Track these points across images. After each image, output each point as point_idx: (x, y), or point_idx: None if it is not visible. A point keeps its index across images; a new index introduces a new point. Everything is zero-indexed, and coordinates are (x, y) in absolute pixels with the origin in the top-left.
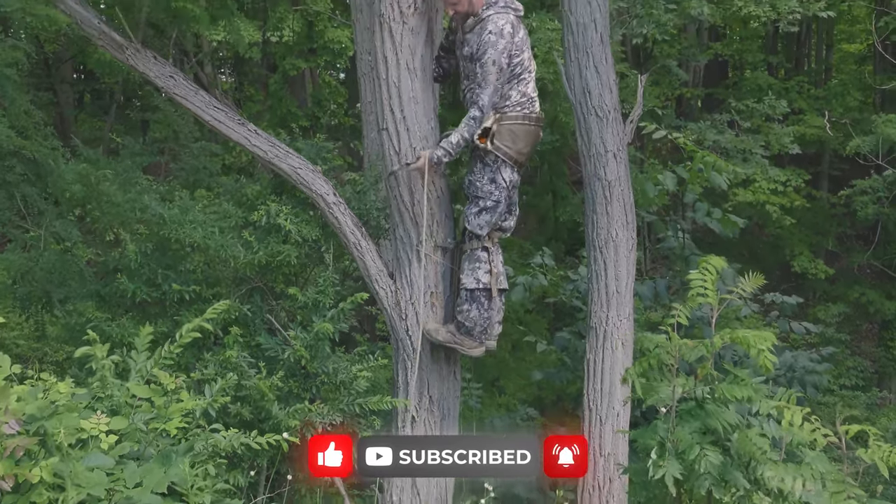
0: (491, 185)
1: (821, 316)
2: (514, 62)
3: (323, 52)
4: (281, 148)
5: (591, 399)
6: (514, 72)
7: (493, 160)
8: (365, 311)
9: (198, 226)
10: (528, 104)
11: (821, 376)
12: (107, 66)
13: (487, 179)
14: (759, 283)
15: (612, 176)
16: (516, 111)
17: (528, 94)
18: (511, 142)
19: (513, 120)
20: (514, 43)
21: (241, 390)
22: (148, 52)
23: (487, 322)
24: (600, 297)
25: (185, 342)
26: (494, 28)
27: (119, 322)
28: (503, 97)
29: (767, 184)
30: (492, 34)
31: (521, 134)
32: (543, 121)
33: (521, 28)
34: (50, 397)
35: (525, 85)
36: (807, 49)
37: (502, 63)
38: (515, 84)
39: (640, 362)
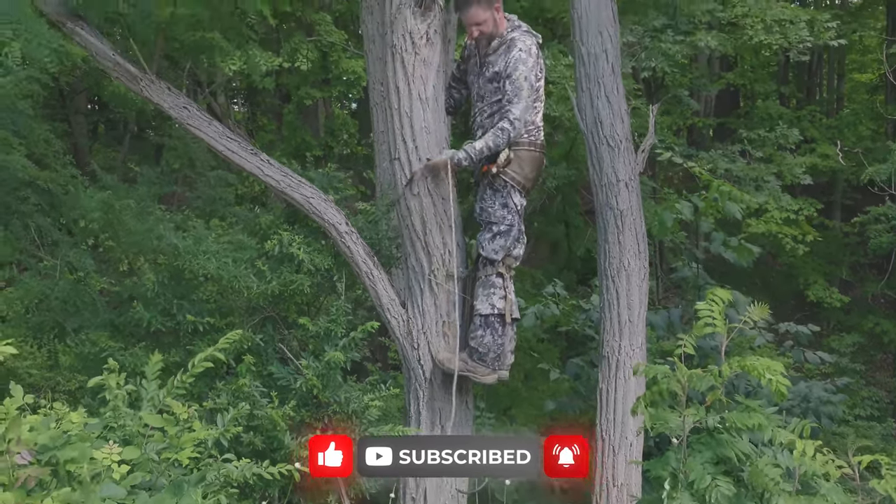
0: (503, 210)
1: (835, 346)
2: (536, 86)
3: (337, 83)
4: (293, 178)
5: (603, 429)
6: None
7: (502, 185)
8: (377, 340)
9: (211, 256)
10: (535, 132)
11: (836, 407)
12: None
13: (499, 205)
14: (766, 312)
15: (625, 205)
16: (523, 139)
17: (537, 122)
18: (519, 167)
19: (520, 147)
20: (539, 67)
21: (253, 420)
22: (162, 84)
23: (500, 349)
24: (613, 327)
25: (197, 372)
26: (524, 47)
27: (132, 351)
28: None
29: (780, 213)
30: (522, 52)
31: (527, 160)
32: (545, 149)
33: (540, 56)
34: (62, 427)
35: (535, 114)
36: (818, 79)
37: (532, 80)
38: (529, 112)
39: (650, 392)
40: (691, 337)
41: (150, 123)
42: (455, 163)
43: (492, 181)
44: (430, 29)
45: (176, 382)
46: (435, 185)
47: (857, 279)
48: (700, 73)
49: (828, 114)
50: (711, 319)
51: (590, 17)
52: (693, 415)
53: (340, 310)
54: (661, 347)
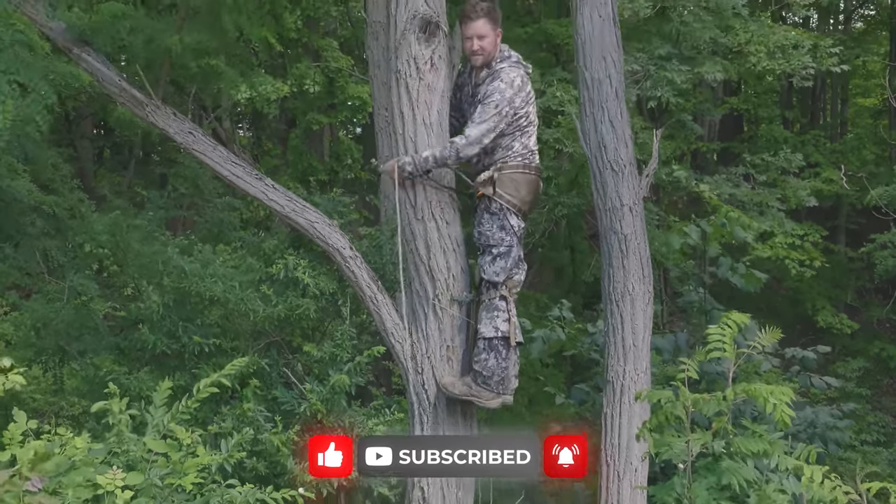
0: (501, 232)
1: (840, 371)
2: (520, 114)
3: (343, 108)
4: (297, 202)
5: (608, 454)
6: (520, 124)
7: (498, 208)
8: (381, 364)
9: (218, 279)
10: (529, 156)
11: (842, 432)
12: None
13: (497, 227)
14: (777, 337)
15: (629, 230)
16: (517, 161)
17: (530, 147)
18: (514, 190)
19: (513, 169)
20: (522, 97)
21: (257, 444)
22: (167, 109)
23: (505, 372)
24: (617, 351)
25: (202, 397)
26: (506, 78)
27: (136, 375)
28: (506, 148)
29: (785, 238)
30: (503, 82)
31: (522, 182)
32: (542, 173)
33: (528, 84)
34: (67, 452)
35: (528, 138)
36: (822, 103)
37: (504, 110)
38: (519, 136)
39: (655, 416)
40: (694, 361)
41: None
42: (400, 167)
43: (488, 205)
44: (435, 54)
45: (181, 408)
46: (440, 210)
47: (863, 304)
48: (704, 97)
49: (831, 138)
50: (721, 344)
51: (593, 42)
52: (698, 440)
53: (345, 334)
54: (667, 372)
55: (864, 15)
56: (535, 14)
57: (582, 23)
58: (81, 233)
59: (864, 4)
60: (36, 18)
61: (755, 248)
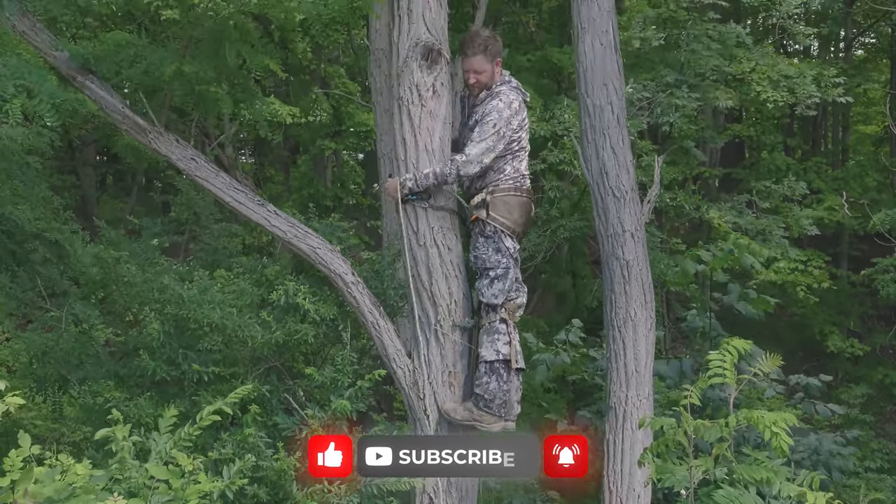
0: (497, 255)
1: (843, 397)
2: (514, 138)
3: (349, 135)
4: (300, 228)
5: (611, 480)
6: (512, 148)
7: (492, 231)
8: (382, 389)
9: (216, 306)
10: (521, 179)
11: (846, 459)
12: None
13: (492, 250)
14: (777, 364)
15: (631, 256)
16: (508, 184)
17: (521, 171)
18: (507, 212)
19: (504, 192)
20: (518, 120)
21: (258, 471)
22: (170, 136)
23: (506, 396)
24: (619, 377)
25: (204, 425)
26: (505, 100)
27: (136, 402)
28: (498, 171)
29: (788, 264)
30: (501, 102)
31: (514, 204)
32: (534, 196)
33: (524, 111)
34: (67, 479)
35: (519, 162)
36: (823, 130)
37: (502, 130)
38: (511, 160)
39: (657, 443)
40: (697, 388)
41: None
42: (401, 184)
43: (482, 228)
44: (437, 81)
45: (183, 435)
46: (442, 236)
47: (866, 330)
48: (706, 124)
49: (833, 165)
50: (721, 370)
51: (595, 70)
52: (699, 466)
53: (346, 360)
54: (669, 398)
55: (864, 43)
56: (537, 42)
57: (584, 50)
58: (75, 263)
59: (864, 33)
60: (41, 47)
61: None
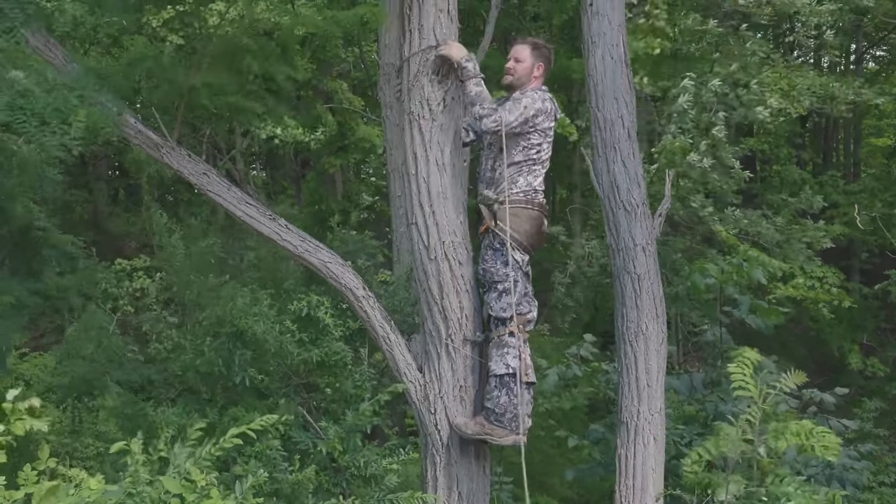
0: (505, 268)
1: (856, 410)
2: (537, 141)
3: (354, 150)
4: (311, 242)
5: (623, 495)
6: (530, 155)
7: (501, 244)
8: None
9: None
10: (532, 193)
11: (860, 474)
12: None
13: (500, 263)
14: (801, 379)
15: (642, 269)
16: (520, 197)
17: (535, 186)
18: (517, 224)
19: (514, 204)
20: (546, 118)
21: (273, 483)
22: (182, 150)
23: (517, 409)
24: (631, 391)
25: (226, 447)
26: (538, 95)
27: (163, 409)
28: (511, 181)
29: (806, 280)
30: (536, 94)
31: (524, 217)
32: (546, 211)
33: (553, 122)
34: (81, 493)
35: (535, 177)
36: (834, 143)
37: (531, 111)
38: (526, 174)
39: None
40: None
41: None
42: (463, 63)
43: (491, 241)
44: (448, 95)
45: (204, 454)
46: (453, 250)
47: (879, 344)
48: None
49: (845, 178)
50: (745, 384)
51: (605, 83)
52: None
53: (364, 375)
54: (683, 411)
55: (875, 56)
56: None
57: (594, 64)
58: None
59: (875, 45)
60: (54, 62)
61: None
